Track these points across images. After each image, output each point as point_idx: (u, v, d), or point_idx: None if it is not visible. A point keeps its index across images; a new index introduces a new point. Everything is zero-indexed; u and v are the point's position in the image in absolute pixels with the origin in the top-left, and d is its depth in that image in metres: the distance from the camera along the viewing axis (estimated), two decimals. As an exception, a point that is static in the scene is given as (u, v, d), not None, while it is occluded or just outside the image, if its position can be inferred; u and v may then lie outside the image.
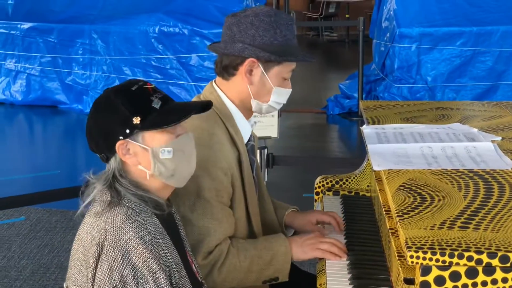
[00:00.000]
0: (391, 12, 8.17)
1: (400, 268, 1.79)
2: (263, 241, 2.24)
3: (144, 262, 1.72)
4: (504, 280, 1.53)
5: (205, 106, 1.95)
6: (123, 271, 1.71)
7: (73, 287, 1.81)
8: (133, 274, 1.71)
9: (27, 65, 9.04)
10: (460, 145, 2.35)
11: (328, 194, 2.91)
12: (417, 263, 1.54)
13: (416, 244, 1.56)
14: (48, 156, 7.21)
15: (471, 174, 2.06)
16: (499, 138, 2.45)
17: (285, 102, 2.31)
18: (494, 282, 1.53)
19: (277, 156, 4.47)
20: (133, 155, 1.83)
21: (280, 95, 2.26)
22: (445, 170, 2.11)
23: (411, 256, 1.54)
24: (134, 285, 1.70)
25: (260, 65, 2.20)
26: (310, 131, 8.06)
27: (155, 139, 1.83)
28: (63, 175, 6.11)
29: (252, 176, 2.31)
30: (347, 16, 15.60)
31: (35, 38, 8.93)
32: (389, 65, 8.16)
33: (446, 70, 7.94)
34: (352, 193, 2.89)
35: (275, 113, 3.94)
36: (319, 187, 2.93)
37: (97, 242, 1.75)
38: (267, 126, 3.95)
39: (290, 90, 2.30)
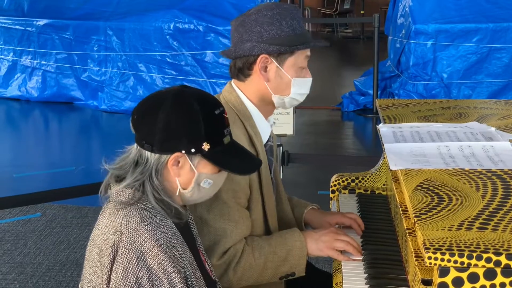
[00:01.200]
0: (407, 9, 8.13)
1: (417, 269, 1.78)
2: (277, 237, 2.23)
3: (159, 264, 1.72)
4: (523, 281, 1.52)
5: (259, 164, 1.99)
6: (138, 273, 1.71)
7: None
8: (148, 276, 1.70)
9: (42, 62, 9.08)
10: (477, 144, 2.33)
11: (344, 193, 2.90)
12: (435, 264, 1.53)
13: (434, 245, 1.55)
14: (64, 152, 7.25)
15: (489, 174, 2.05)
16: (517, 137, 2.43)
17: (308, 92, 2.29)
18: (513, 283, 1.52)
19: (292, 153, 4.46)
20: (179, 168, 1.84)
21: (300, 86, 2.25)
22: (462, 170, 2.09)
23: (429, 257, 1.53)
24: (149, 287, 1.70)
25: (273, 60, 2.19)
26: (324, 128, 8.04)
27: (205, 167, 1.85)
28: (79, 172, 6.13)
29: (270, 177, 2.31)
30: (362, 12, 15.54)
31: (50, 35, 8.98)
32: (405, 62, 8.13)
33: (462, 67, 7.89)
34: (368, 192, 2.88)
35: (291, 111, 3.93)
36: (334, 185, 2.92)
37: (112, 244, 1.75)
38: (283, 124, 3.95)
39: (311, 79, 2.28)
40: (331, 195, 2.92)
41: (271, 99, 2.25)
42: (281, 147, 4.15)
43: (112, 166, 1.87)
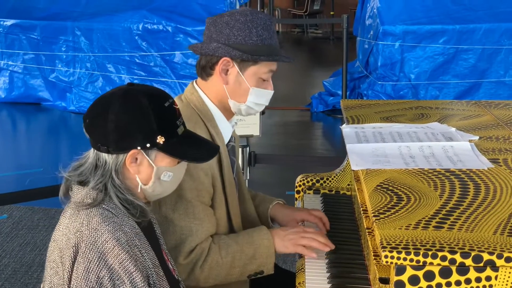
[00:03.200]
0: (375, 10, 8.19)
1: (375, 267, 1.80)
2: (244, 235, 2.24)
3: (120, 263, 1.72)
4: (478, 279, 1.55)
5: (216, 150, 1.99)
6: (100, 272, 1.71)
7: (49, 288, 1.81)
8: (110, 276, 1.71)
9: (10, 62, 8.98)
10: (437, 144, 2.36)
11: (308, 193, 2.92)
12: (391, 262, 1.56)
13: (390, 244, 1.58)
14: (31, 153, 7.18)
15: (447, 174, 2.08)
16: (477, 138, 2.47)
17: (266, 104, 2.29)
18: (468, 281, 1.55)
19: (259, 154, 4.47)
20: (138, 165, 1.85)
21: (258, 96, 2.25)
22: (422, 169, 2.12)
23: (386, 256, 1.55)
24: (111, 287, 1.70)
25: (235, 64, 2.20)
26: (294, 128, 8.07)
27: (163, 160, 1.87)
28: (46, 173, 6.07)
29: (233, 177, 2.32)
30: (332, 13, 15.61)
31: (18, 35, 8.88)
32: (373, 63, 8.19)
33: (429, 68, 7.97)
34: (333, 192, 2.90)
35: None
36: (299, 185, 2.94)
37: (73, 244, 1.75)
38: (250, 125, 3.95)
39: (272, 91, 2.27)
40: (296, 196, 2.95)
41: (228, 104, 2.26)
42: (248, 148, 4.16)
43: (72, 174, 1.87)
